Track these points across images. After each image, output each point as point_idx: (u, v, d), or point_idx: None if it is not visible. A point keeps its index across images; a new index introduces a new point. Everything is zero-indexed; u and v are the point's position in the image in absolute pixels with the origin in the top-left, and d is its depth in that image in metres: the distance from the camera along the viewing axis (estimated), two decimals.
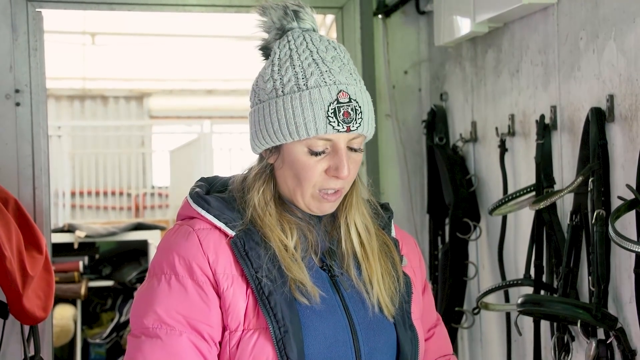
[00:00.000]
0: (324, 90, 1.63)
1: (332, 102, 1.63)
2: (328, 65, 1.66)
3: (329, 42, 1.71)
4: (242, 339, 1.63)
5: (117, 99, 12.94)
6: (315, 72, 1.65)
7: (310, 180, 1.68)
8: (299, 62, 1.67)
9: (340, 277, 1.73)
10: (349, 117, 1.64)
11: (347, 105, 1.64)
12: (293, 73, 1.66)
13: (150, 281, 1.67)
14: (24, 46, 3.20)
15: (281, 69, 1.67)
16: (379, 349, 1.70)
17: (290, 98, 1.64)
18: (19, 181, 3.16)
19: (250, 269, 1.64)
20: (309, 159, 1.67)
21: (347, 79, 1.66)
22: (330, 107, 1.63)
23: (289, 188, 1.71)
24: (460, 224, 3.28)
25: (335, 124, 1.63)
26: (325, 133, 1.64)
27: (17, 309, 2.72)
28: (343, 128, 1.64)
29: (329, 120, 1.63)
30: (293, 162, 1.68)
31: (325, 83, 1.64)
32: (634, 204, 2.12)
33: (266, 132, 1.68)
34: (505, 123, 3.01)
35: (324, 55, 1.67)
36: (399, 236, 1.88)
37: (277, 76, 1.67)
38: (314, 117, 1.63)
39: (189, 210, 1.75)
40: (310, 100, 1.63)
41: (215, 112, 12.61)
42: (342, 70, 1.67)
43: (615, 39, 2.32)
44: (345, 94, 1.64)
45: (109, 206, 11.07)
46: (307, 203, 1.71)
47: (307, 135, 1.64)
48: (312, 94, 1.63)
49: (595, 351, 2.29)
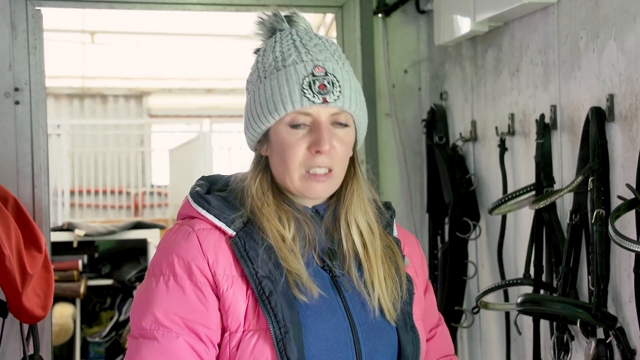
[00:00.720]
0: (299, 67, 1.65)
1: (307, 75, 1.65)
2: (308, 48, 1.68)
3: (316, 35, 1.73)
4: (242, 340, 1.62)
5: (116, 98, 12.94)
6: (293, 53, 1.67)
7: (294, 158, 1.67)
8: (280, 48, 1.69)
9: (342, 278, 1.72)
10: (325, 89, 1.65)
11: (322, 78, 1.65)
12: (273, 58, 1.69)
13: (149, 281, 1.67)
14: (23, 44, 3.20)
15: (264, 58, 1.71)
16: (379, 351, 1.69)
17: (269, 80, 1.67)
18: (18, 180, 3.16)
19: (250, 269, 1.63)
20: (291, 136, 1.67)
21: (325, 57, 1.68)
22: (305, 80, 1.64)
23: (280, 175, 1.71)
24: (459, 223, 3.28)
25: (310, 96, 1.64)
26: (301, 106, 1.64)
27: (17, 307, 2.72)
28: (319, 99, 1.64)
29: (304, 92, 1.64)
30: (278, 144, 1.68)
31: (302, 60, 1.66)
32: (633, 204, 2.12)
33: (252, 119, 1.71)
34: (505, 122, 3.01)
35: (307, 42, 1.70)
36: (401, 235, 1.88)
37: (260, 65, 1.71)
38: (290, 92, 1.64)
39: (189, 209, 1.74)
40: (286, 77, 1.65)
41: (214, 111, 12.61)
42: (322, 51, 1.69)
43: (615, 39, 2.32)
44: (322, 68, 1.66)
45: (108, 205, 11.08)
46: (297, 187, 1.70)
47: (285, 111, 1.65)
48: (288, 71, 1.65)
49: (595, 351, 2.29)
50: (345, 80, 1.68)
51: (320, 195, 1.72)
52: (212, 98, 12.96)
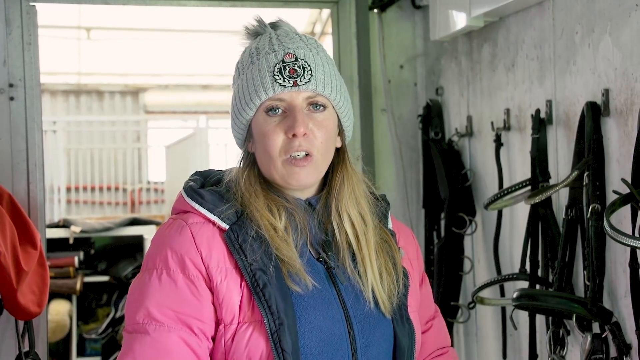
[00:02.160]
0: (270, 56, 1.69)
1: (278, 62, 1.68)
2: (281, 40, 1.72)
3: (296, 34, 1.76)
4: (237, 332, 1.62)
5: (112, 94, 12.93)
6: (266, 45, 1.71)
7: (274, 145, 1.69)
8: (256, 45, 1.74)
9: (336, 270, 1.72)
10: (295, 73, 1.68)
11: (292, 64, 1.68)
12: (249, 54, 1.73)
13: (143, 276, 1.67)
14: (17, 40, 3.19)
15: (242, 57, 1.76)
16: (374, 342, 1.69)
17: (245, 74, 1.71)
18: (13, 176, 3.16)
19: (244, 261, 1.64)
20: (268, 124, 1.69)
21: (297, 45, 1.71)
22: (276, 67, 1.68)
23: (265, 166, 1.73)
24: (455, 218, 3.28)
25: (281, 81, 1.67)
26: (274, 92, 1.67)
27: (12, 304, 2.71)
28: (289, 83, 1.67)
29: (275, 78, 1.67)
30: (259, 135, 1.71)
31: (274, 50, 1.70)
32: (629, 198, 2.12)
33: (234, 115, 1.75)
34: (500, 117, 3.01)
35: (284, 37, 1.73)
36: (396, 228, 1.88)
37: (239, 64, 1.76)
38: (262, 80, 1.68)
39: (183, 204, 1.75)
40: (258, 68, 1.69)
41: (210, 107, 12.60)
42: (295, 41, 1.72)
43: (610, 34, 2.32)
44: (292, 54, 1.69)
45: (104, 201, 11.07)
46: (281, 174, 1.71)
47: (260, 99, 1.68)
48: (261, 62, 1.69)
49: (591, 345, 2.29)
50: (318, 65, 1.70)
51: (303, 181, 1.72)
52: (209, 94, 12.95)
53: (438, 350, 1.92)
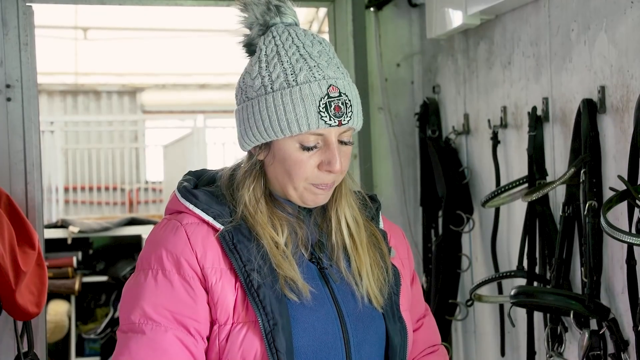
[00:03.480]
0: (314, 86, 1.63)
1: (323, 97, 1.63)
2: (316, 60, 1.66)
3: (313, 37, 1.71)
4: (232, 333, 1.63)
5: (109, 94, 12.92)
6: (304, 67, 1.65)
7: (303, 175, 1.67)
8: (287, 58, 1.66)
9: (329, 270, 1.73)
10: (340, 112, 1.64)
11: (337, 100, 1.64)
12: (282, 69, 1.65)
13: (138, 276, 1.67)
14: (14, 41, 3.19)
15: (269, 66, 1.67)
16: (368, 341, 1.70)
17: (280, 94, 1.64)
18: (11, 177, 3.16)
19: (238, 262, 1.64)
20: (301, 155, 1.66)
21: (335, 73, 1.66)
22: (321, 102, 1.63)
23: (280, 183, 1.71)
24: (453, 216, 3.29)
25: (327, 119, 1.63)
26: (317, 128, 1.63)
27: (10, 304, 2.71)
28: (335, 122, 1.64)
29: (321, 115, 1.63)
30: (284, 158, 1.67)
31: (315, 78, 1.64)
32: (625, 195, 2.12)
33: (256, 129, 1.67)
34: (497, 115, 3.01)
35: (311, 50, 1.67)
36: (387, 227, 1.89)
37: (265, 73, 1.67)
38: (306, 112, 1.63)
39: (177, 204, 1.74)
40: (301, 96, 1.63)
41: (208, 107, 12.59)
42: (329, 64, 1.67)
43: (606, 31, 2.32)
44: (335, 88, 1.64)
45: (102, 201, 11.06)
46: (300, 195, 1.70)
47: (299, 131, 1.64)
48: (303, 90, 1.63)
49: (588, 342, 2.30)
50: (354, 97, 1.67)
51: (321, 203, 1.73)
52: (206, 93, 12.94)
53: (429, 349, 1.93)
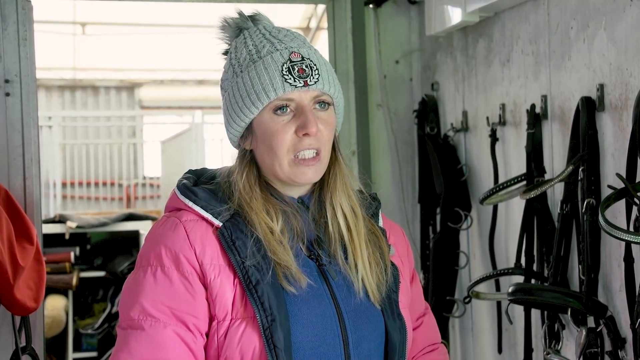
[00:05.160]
0: (275, 55, 1.68)
1: (285, 62, 1.68)
2: (279, 38, 1.71)
3: (284, 28, 1.76)
4: (230, 329, 1.63)
5: (108, 90, 12.91)
6: (266, 44, 1.70)
7: (283, 144, 1.69)
8: (252, 42, 1.72)
9: (328, 266, 1.73)
10: (304, 73, 1.68)
11: (300, 63, 1.68)
12: (247, 52, 1.71)
13: (137, 272, 1.68)
14: (13, 36, 3.19)
15: (237, 53, 1.73)
16: (366, 337, 1.70)
17: (247, 72, 1.69)
18: (9, 172, 3.16)
19: (237, 258, 1.64)
20: (277, 123, 1.69)
21: (298, 44, 1.71)
22: (284, 67, 1.67)
23: (268, 164, 1.72)
24: (451, 213, 3.29)
25: (291, 81, 1.66)
26: (284, 92, 1.66)
27: (8, 299, 2.72)
28: (300, 83, 1.67)
29: (285, 78, 1.66)
30: (264, 133, 1.70)
31: (277, 49, 1.69)
32: (623, 193, 2.13)
33: (234, 113, 1.72)
34: (496, 112, 3.01)
35: (276, 34, 1.73)
36: (387, 226, 1.89)
37: (234, 61, 1.73)
38: (270, 80, 1.66)
39: (176, 201, 1.75)
40: (264, 66, 1.67)
41: (206, 103, 12.58)
42: (293, 40, 1.72)
43: (605, 29, 2.32)
44: (298, 54, 1.69)
45: (100, 197, 11.06)
46: (287, 174, 1.71)
47: (268, 99, 1.67)
48: (265, 61, 1.68)
49: (586, 339, 2.30)
50: (321, 64, 1.71)
51: (310, 179, 1.73)
52: (204, 89, 12.93)
53: (428, 347, 1.93)
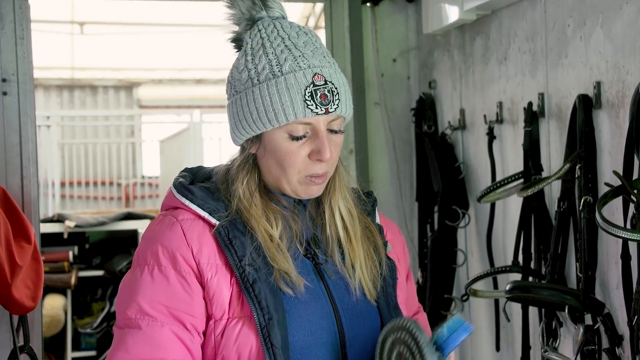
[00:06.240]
0: (299, 75, 1.64)
1: (309, 85, 1.64)
2: (301, 50, 1.67)
3: (299, 28, 1.72)
4: (227, 328, 1.63)
5: (106, 89, 12.92)
6: (288, 57, 1.65)
7: (294, 166, 1.67)
8: (272, 50, 1.67)
9: (324, 265, 1.73)
10: (327, 99, 1.64)
11: (323, 87, 1.64)
12: (267, 61, 1.66)
13: (134, 271, 1.68)
14: (10, 35, 3.19)
15: (255, 58, 1.68)
16: (362, 335, 1.70)
17: (266, 85, 1.65)
18: (7, 171, 3.15)
19: (234, 257, 1.64)
20: (291, 145, 1.67)
21: (320, 61, 1.67)
22: (307, 91, 1.63)
23: (274, 176, 1.71)
24: (449, 211, 3.29)
25: (313, 107, 1.63)
26: (304, 117, 1.64)
27: (6, 298, 2.72)
28: (321, 110, 1.64)
29: (307, 103, 1.63)
30: (275, 149, 1.68)
31: (300, 67, 1.64)
32: (620, 190, 2.13)
33: (245, 122, 1.68)
34: (493, 110, 3.01)
35: (296, 40, 1.68)
36: (383, 222, 1.89)
37: (251, 65, 1.68)
38: (292, 102, 1.63)
39: (172, 200, 1.74)
40: (286, 86, 1.63)
41: (204, 102, 12.59)
42: (315, 53, 1.67)
43: (602, 26, 2.32)
44: (321, 76, 1.65)
45: (98, 196, 11.06)
46: (294, 189, 1.71)
47: (287, 121, 1.64)
48: (288, 79, 1.64)
49: (583, 337, 2.30)
50: (341, 85, 1.68)
51: (315, 195, 1.74)
52: (202, 88, 12.94)
53: None
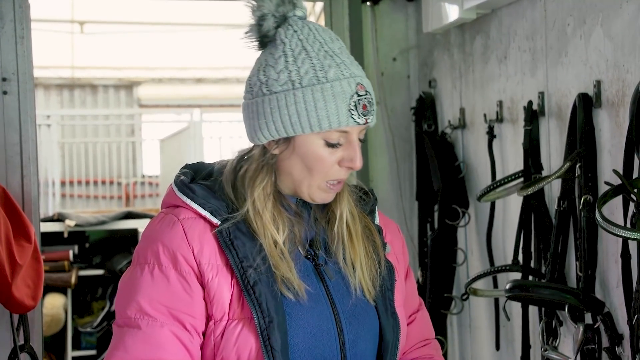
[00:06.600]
0: (344, 83, 1.64)
1: (353, 94, 1.64)
2: (341, 58, 1.67)
3: (329, 32, 1.72)
4: (227, 329, 1.62)
5: (106, 88, 12.93)
6: (332, 64, 1.65)
7: (322, 171, 1.67)
8: (314, 54, 1.66)
9: (325, 266, 1.72)
10: (367, 110, 1.66)
11: (364, 98, 1.65)
12: (310, 65, 1.65)
13: (134, 270, 1.67)
14: (10, 34, 3.19)
15: (297, 61, 1.65)
16: (362, 337, 1.70)
17: (311, 90, 1.63)
18: (7, 170, 3.15)
19: (235, 258, 1.63)
20: (324, 151, 1.66)
21: (360, 71, 1.68)
22: (352, 100, 1.64)
23: (295, 179, 1.70)
24: (449, 210, 3.29)
25: (356, 117, 1.64)
26: (346, 125, 1.64)
27: (6, 297, 2.72)
28: (362, 121, 1.65)
29: (351, 113, 1.64)
30: (306, 153, 1.67)
31: (344, 75, 1.65)
32: (620, 189, 2.13)
33: (281, 123, 1.65)
34: (493, 109, 3.01)
35: (332, 46, 1.68)
36: (382, 223, 1.88)
37: (292, 67, 1.65)
38: (337, 109, 1.63)
39: (173, 198, 1.73)
40: (332, 93, 1.63)
41: (204, 101, 12.60)
42: (352, 62, 1.69)
43: (602, 25, 2.32)
44: (362, 86, 1.66)
45: (99, 195, 11.06)
46: (311, 193, 1.70)
47: (329, 128, 1.64)
48: (334, 87, 1.63)
49: (583, 335, 2.30)
50: (373, 95, 1.70)
51: (329, 201, 1.74)
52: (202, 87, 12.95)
53: (421, 342, 1.93)
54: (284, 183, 1.72)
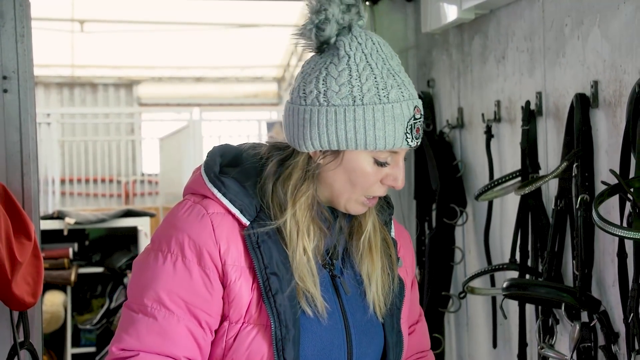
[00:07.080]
0: (404, 105, 1.62)
1: (410, 118, 1.63)
2: (401, 77, 1.65)
3: (387, 46, 1.70)
4: (241, 332, 1.61)
5: (106, 87, 12.94)
6: (393, 84, 1.63)
7: (365, 187, 1.66)
8: (378, 72, 1.63)
9: (341, 279, 1.71)
10: (419, 134, 1.66)
11: (418, 122, 1.65)
12: (373, 82, 1.62)
13: (155, 255, 1.63)
14: (10, 32, 3.19)
15: (361, 77, 1.62)
16: (369, 353, 1.71)
17: (372, 109, 1.61)
18: (7, 168, 3.16)
19: (260, 263, 1.61)
20: (372, 168, 1.65)
21: (415, 92, 1.67)
22: (409, 123, 1.63)
23: (336, 191, 1.68)
24: (446, 209, 3.30)
25: (410, 140, 1.64)
26: (400, 147, 1.64)
27: (6, 294, 2.73)
28: (414, 143, 1.65)
29: (407, 135, 1.63)
30: (353, 169, 1.65)
31: (404, 97, 1.63)
32: (617, 189, 2.14)
33: (335, 136, 1.62)
34: (491, 109, 3.02)
35: (392, 63, 1.66)
36: (397, 233, 1.87)
37: (355, 82, 1.62)
38: (395, 131, 1.62)
39: (202, 187, 1.68)
40: (392, 115, 1.61)
41: (204, 100, 12.62)
42: (410, 82, 1.67)
43: (599, 25, 2.33)
44: (419, 110, 1.65)
45: (98, 193, 11.08)
46: (347, 205, 1.69)
47: (384, 148, 1.62)
48: (395, 109, 1.62)
49: (579, 334, 2.31)
50: None
51: (361, 213, 1.73)
52: (202, 86, 12.96)
53: (417, 354, 1.93)
54: (321, 192, 1.70)
